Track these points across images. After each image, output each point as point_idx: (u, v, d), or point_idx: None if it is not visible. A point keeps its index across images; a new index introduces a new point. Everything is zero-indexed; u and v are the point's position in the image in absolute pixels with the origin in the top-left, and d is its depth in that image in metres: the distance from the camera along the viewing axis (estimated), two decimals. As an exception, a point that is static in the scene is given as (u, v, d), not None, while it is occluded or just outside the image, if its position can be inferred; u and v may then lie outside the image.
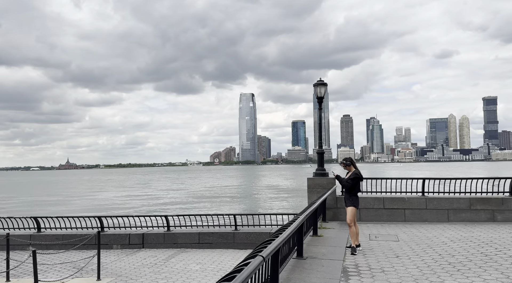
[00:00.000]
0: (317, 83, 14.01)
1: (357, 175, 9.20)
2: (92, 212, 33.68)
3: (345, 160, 9.47)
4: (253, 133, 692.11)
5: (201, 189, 78.41)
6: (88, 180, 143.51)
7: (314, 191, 13.55)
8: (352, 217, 9.06)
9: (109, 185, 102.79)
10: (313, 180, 13.76)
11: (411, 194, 13.82)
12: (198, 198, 56.67)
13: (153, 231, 14.15)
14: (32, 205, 54.30)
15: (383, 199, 13.47)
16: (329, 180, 13.70)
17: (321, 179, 13.69)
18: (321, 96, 14.10)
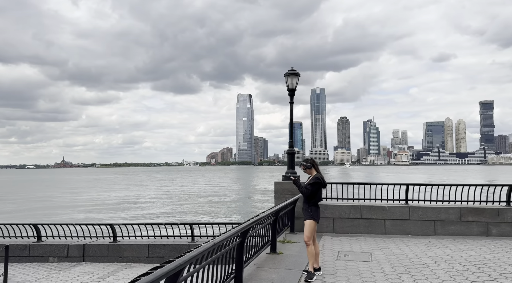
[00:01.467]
0: (289, 72, 12.22)
1: (318, 180, 7.39)
2: (42, 218, 31.54)
3: (306, 161, 7.68)
4: (250, 134, 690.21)
5: (185, 190, 76.18)
6: (76, 180, 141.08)
7: (282, 197, 11.74)
8: (309, 233, 7.25)
9: (93, 185, 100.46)
10: (281, 185, 11.95)
11: (393, 202, 12.04)
12: (174, 201, 53.53)
13: (96, 242, 12.28)
14: None
15: (360, 207, 11.68)
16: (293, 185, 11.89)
17: (290, 184, 11.87)
18: (293, 88, 12.32)
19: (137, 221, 14.79)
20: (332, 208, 11.75)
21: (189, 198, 57.72)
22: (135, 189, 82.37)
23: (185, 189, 78.64)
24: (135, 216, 38.08)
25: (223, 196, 61.29)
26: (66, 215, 39.13)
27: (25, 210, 45.64)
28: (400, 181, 12.99)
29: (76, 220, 32.26)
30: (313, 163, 7.59)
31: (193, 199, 55.67)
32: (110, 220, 32.05)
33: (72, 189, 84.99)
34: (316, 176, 7.44)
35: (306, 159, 7.72)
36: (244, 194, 63.80)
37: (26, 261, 11.92)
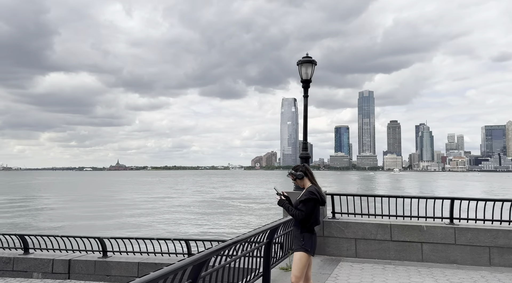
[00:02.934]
0: (302, 60, 10.18)
1: (313, 195, 5.37)
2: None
3: (296, 169, 5.71)
4: (294, 138, 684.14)
5: (217, 196, 75.19)
6: (121, 182, 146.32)
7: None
8: (299, 271, 5.24)
9: (132, 188, 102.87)
10: (291, 195, 9.90)
11: (433, 220, 9.55)
12: (200, 208, 51.56)
13: (83, 257, 10.98)
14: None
15: (390, 226, 9.32)
16: (313, 197, 9.81)
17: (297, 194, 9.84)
18: (308, 78, 10.26)
19: (129, 235, 13.36)
20: (355, 226, 9.52)
21: (217, 204, 56.67)
22: (171, 193, 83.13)
23: (217, 195, 77.86)
24: (148, 223, 37.38)
25: (255, 202, 59.58)
26: (82, 221, 39.42)
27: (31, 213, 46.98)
28: (453, 190, 10.43)
29: (89, 227, 32.10)
30: (306, 172, 5.58)
31: (221, 206, 54.41)
32: (126, 229, 31.48)
33: (111, 191, 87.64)
34: (311, 190, 5.42)
35: (296, 166, 5.74)
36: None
37: (10, 276, 10.89)
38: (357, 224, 9.52)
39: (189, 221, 39.22)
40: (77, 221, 38.60)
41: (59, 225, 35.85)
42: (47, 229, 31.72)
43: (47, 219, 40.47)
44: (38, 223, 37.08)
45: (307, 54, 10.27)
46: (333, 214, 9.97)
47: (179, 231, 32.38)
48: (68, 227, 34.20)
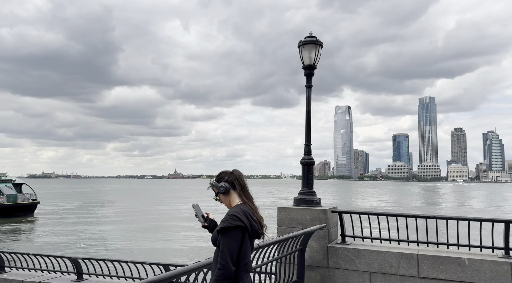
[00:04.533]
0: (303, 41, 8.14)
1: (236, 221, 3.21)
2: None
3: (220, 177, 3.65)
4: (349, 147, 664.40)
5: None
6: (173, 189, 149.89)
7: (288, 231, 7.63)
8: None
9: (179, 196, 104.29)
10: (288, 213, 7.80)
11: (480, 250, 6.94)
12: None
13: (57, 279, 9.67)
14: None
15: (417, 257, 6.88)
16: (315, 214, 7.61)
17: (301, 212, 7.69)
18: (311, 63, 8.18)
19: (108, 256, 11.90)
20: (369, 255, 7.20)
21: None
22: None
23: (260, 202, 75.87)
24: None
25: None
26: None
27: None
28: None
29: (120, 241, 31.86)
30: (233, 182, 3.54)
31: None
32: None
33: (156, 199, 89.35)
34: (234, 213, 3.32)
35: (221, 173, 3.70)
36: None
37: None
38: (373, 252, 7.19)
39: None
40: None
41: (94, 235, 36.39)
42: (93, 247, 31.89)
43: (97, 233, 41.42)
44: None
45: (310, 33, 8.22)
46: (342, 237, 7.73)
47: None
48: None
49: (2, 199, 48.08)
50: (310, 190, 8.05)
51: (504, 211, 57.85)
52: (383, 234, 7.71)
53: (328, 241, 7.54)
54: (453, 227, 7.00)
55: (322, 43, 8.19)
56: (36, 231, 39.10)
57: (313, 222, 7.55)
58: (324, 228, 7.39)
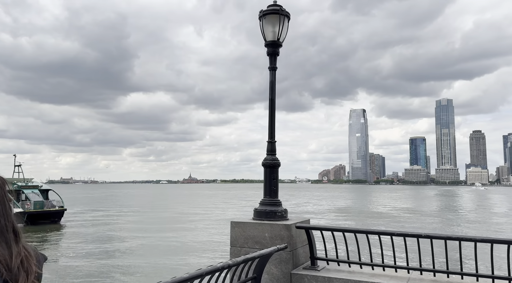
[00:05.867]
0: (265, 11, 6.50)
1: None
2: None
3: None
4: (364, 150, 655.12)
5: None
6: (184, 194, 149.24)
7: (241, 252, 6.00)
8: None
9: (184, 201, 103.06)
10: (243, 229, 6.16)
11: (492, 281, 5.17)
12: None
13: None
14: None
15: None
16: (276, 231, 5.95)
17: (258, 228, 6.04)
18: (275, 39, 6.55)
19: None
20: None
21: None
22: (213, 207, 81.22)
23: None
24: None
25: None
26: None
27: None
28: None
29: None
30: None
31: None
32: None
33: (163, 204, 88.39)
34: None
35: None
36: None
37: None
38: (350, 282, 5.49)
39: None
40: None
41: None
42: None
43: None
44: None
45: (274, 1, 6.60)
46: (312, 260, 6.05)
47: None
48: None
49: (28, 206, 45.68)
50: (273, 199, 6.40)
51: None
52: (364, 257, 6.01)
53: (293, 265, 5.88)
54: (454, 249, 5.28)
55: (288, 14, 6.58)
56: (68, 243, 34.75)
57: (273, 241, 5.91)
58: (286, 249, 5.73)
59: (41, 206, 47.09)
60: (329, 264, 6.10)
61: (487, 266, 5.18)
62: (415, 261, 5.63)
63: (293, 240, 5.94)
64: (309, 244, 6.04)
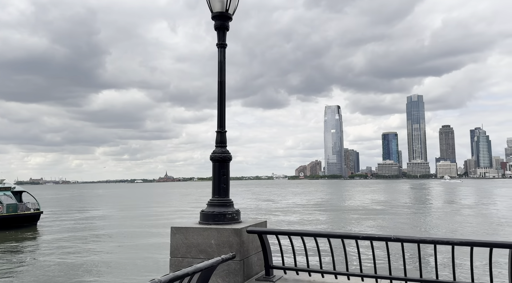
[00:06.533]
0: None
1: None
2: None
3: None
4: (339, 146, 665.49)
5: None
6: (154, 193, 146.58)
7: (182, 263, 5.04)
8: None
9: (156, 200, 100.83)
10: (185, 235, 5.21)
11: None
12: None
13: None
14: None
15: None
16: (224, 237, 5.03)
17: (203, 234, 5.11)
18: (223, 10, 5.61)
19: None
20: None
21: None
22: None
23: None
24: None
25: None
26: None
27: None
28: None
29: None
30: None
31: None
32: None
33: (120, 204, 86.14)
34: None
35: None
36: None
37: None
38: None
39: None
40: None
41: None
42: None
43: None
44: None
45: (221, -31, 5.66)
46: (267, 270, 5.17)
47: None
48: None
49: (1, 209, 42.37)
50: (223, 199, 5.47)
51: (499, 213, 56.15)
52: (327, 264, 5.18)
53: (244, 277, 4.97)
54: (428, 251, 4.51)
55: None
56: (48, 251, 29.76)
57: (220, 249, 4.98)
58: (235, 259, 4.83)
59: (15, 209, 43.99)
60: (286, 273, 5.24)
61: (466, 272, 4.46)
62: (385, 268, 4.85)
63: (245, 247, 5.04)
64: (262, 251, 5.16)
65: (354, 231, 6.09)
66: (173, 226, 5.27)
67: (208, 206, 5.48)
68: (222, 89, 5.71)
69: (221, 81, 5.73)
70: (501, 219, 42.68)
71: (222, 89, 5.71)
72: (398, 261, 4.55)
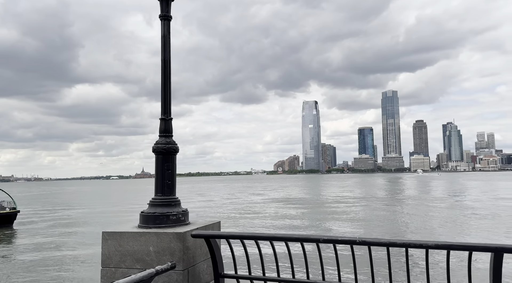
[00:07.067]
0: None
1: None
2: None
3: None
4: (317, 141, 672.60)
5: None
6: (130, 190, 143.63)
7: (115, 275, 4.25)
8: None
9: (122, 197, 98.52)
10: (119, 241, 4.42)
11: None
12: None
13: None
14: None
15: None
16: (165, 243, 4.28)
17: (140, 239, 4.34)
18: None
19: None
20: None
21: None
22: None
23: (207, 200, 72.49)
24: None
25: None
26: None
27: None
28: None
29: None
30: None
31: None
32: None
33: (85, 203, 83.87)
34: None
35: None
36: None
37: None
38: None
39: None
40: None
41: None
42: None
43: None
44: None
45: None
46: (217, 279, 4.44)
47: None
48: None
49: None
50: (167, 198, 4.70)
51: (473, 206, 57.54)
52: (284, 269, 4.52)
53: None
54: (397, 254, 3.90)
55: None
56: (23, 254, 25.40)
57: (160, 258, 4.22)
58: (177, 268, 4.08)
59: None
60: (239, 282, 4.54)
61: (442, 278, 3.89)
62: (350, 273, 4.23)
63: (190, 253, 4.29)
64: (211, 257, 4.42)
65: (314, 234, 5.52)
66: (105, 231, 4.46)
67: (149, 206, 4.70)
68: (166, 68, 4.94)
69: (164, 59, 4.96)
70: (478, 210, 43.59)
71: (166, 69, 4.93)
72: (365, 267, 3.92)
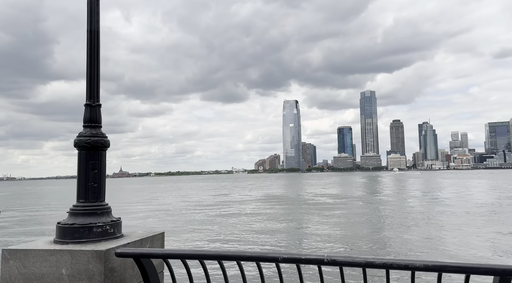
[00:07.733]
0: None
1: None
2: None
3: None
4: (297, 140, 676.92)
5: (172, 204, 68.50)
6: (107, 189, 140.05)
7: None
8: None
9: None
10: (23, 263, 3.46)
11: None
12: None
13: None
14: None
15: None
16: (82, 264, 3.34)
17: (50, 259, 3.39)
18: None
19: None
20: None
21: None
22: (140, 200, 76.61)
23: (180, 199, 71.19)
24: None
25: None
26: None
27: None
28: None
29: None
30: None
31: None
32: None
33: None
34: None
35: None
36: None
37: None
38: None
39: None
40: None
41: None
42: None
43: None
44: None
45: None
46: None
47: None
48: None
49: None
50: (92, 205, 3.74)
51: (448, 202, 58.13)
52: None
53: (112, 322, 3.30)
54: (377, 273, 3.09)
55: None
56: None
57: (75, 282, 3.26)
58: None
59: None
60: (181, 312, 3.63)
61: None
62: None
63: (115, 277, 3.36)
64: (144, 281, 3.50)
65: (273, 251, 4.84)
66: (5, 248, 3.47)
67: (68, 215, 3.73)
68: (93, 41, 3.97)
69: (91, 30, 3.98)
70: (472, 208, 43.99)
71: (93, 42, 3.97)
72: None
